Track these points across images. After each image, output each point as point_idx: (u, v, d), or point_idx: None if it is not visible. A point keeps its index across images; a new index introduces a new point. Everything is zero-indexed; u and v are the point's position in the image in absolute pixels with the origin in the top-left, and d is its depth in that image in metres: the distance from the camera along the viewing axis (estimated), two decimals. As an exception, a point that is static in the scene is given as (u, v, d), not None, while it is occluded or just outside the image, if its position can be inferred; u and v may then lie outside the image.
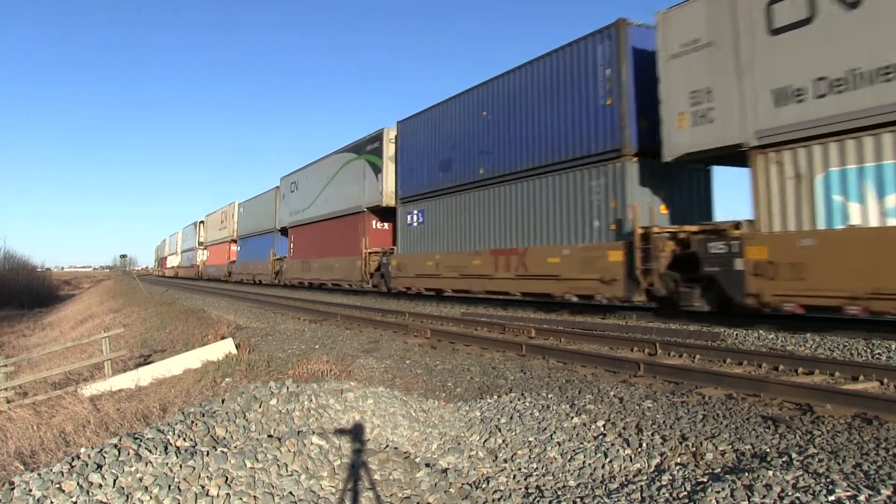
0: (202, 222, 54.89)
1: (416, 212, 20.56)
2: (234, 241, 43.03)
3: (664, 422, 5.22)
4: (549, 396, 6.15)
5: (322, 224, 27.73)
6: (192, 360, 10.17)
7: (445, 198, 18.81)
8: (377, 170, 22.83)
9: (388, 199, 22.24)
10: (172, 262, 74.35)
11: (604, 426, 5.13)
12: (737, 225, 10.72)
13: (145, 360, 12.03)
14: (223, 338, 11.79)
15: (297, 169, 31.97)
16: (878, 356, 7.74)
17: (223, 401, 5.33)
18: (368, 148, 23.70)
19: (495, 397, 6.28)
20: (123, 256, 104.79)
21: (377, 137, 23.06)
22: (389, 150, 22.24)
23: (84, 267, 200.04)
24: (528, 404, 5.84)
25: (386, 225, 23.77)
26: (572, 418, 5.34)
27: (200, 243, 55.30)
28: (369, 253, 23.44)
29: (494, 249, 16.34)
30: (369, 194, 23.33)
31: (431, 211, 19.61)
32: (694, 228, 11.72)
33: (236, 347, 10.74)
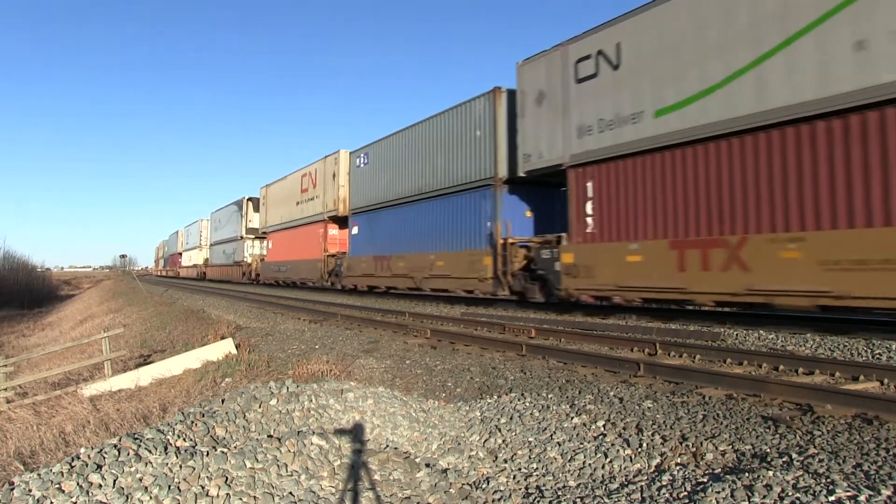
0: (250, 199, 40.40)
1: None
2: (331, 222, 27.32)
3: (664, 422, 5.21)
4: (549, 396, 6.15)
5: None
6: (191, 360, 10.17)
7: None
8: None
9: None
10: (193, 258, 59.56)
11: (604, 426, 5.13)
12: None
13: (145, 361, 12.03)
14: (223, 338, 11.79)
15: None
16: (878, 356, 7.74)
17: (223, 401, 5.33)
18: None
19: (495, 397, 6.28)
20: (123, 256, 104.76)
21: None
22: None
23: (84, 267, 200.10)
24: (528, 404, 5.83)
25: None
26: (572, 418, 5.34)
27: (251, 230, 40.20)
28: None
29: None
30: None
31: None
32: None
33: (236, 347, 10.74)
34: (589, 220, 13.16)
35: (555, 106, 14.03)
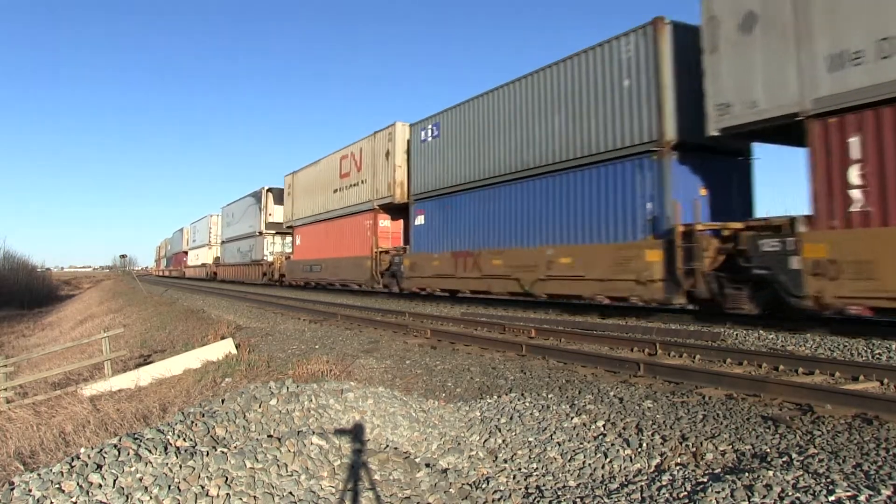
0: (270, 190, 36.26)
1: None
2: (382, 212, 22.99)
3: (664, 422, 5.21)
4: (549, 396, 6.15)
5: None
6: (192, 360, 10.17)
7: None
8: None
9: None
10: (201, 257, 55.05)
11: (604, 426, 5.13)
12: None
13: (145, 360, 12.03)
14: (223, 338, 11.79)
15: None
16: (878, 356, 7.74)
17: (223, 401, 5.33)
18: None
19: (495, 397, 6.28)
20: (123, 257, 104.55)
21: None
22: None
23: (84, 267, 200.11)
24: (528, 404, 5.83)
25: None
26: (572, 418, 5.34)
27: (272, 225, 35.84)
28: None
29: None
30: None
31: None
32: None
33: (236, 347, 10.74)
34: (856, 193, 9.04)
35: (780, 29, 9.97)
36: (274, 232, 35.84)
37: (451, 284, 18.45)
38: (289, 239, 34.71)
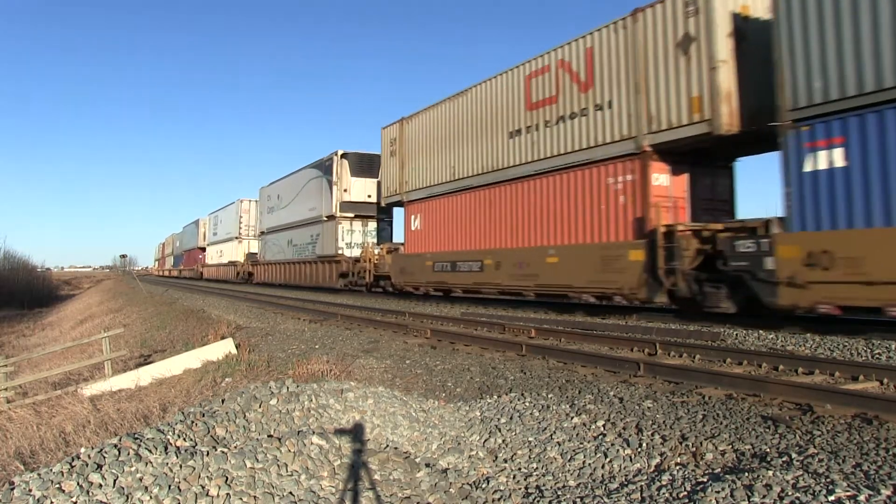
0: (346, 156, 26.32)
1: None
2: (656, 157, 12.39)
3: (664, 422, 5.22)
4: (549, 396, 6.15)
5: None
6: (192, 360, 10.17)
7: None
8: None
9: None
10: (226, 253, 44.54)
11: (604, 426, 5.13)
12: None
13: (145, 360, 12.03)
14: (223, 338, 11.79)
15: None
16: (878, 356, 7.75)
17: (223, 401, 5.33)
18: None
19: (495, 397, 6.28)
20: (123, 256, 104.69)
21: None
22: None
23: (84, 267, 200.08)
24: (528, 404, 5.84)
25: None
26: (572, 418, 5.34)
27: (348, 205, 26.23)
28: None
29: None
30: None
31: None
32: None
33: (236, 347, 10.74)
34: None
35: None
36: (353, 215, 26.26)
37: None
38: (373, 225, 26.66)
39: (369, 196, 26.42)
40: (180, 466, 3.99)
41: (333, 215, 26.40)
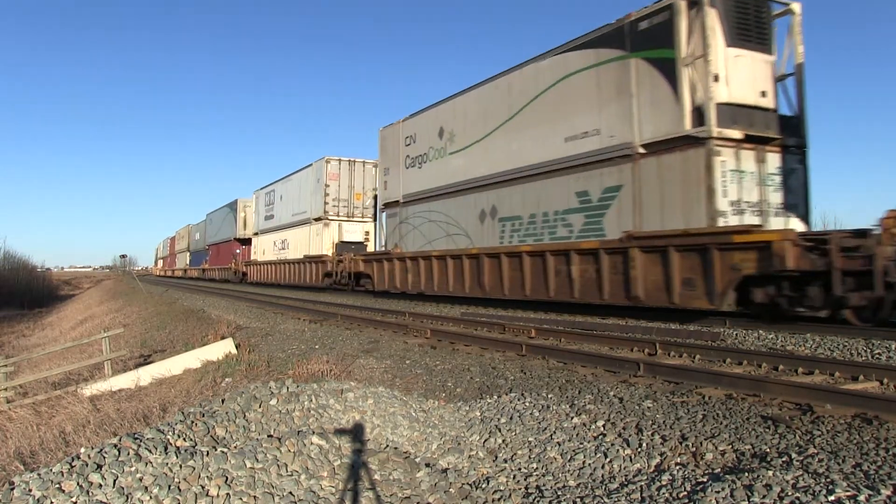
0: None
1: None
2: None
3: (664, 422, 5.22)
4: (549, 396, 6.15)
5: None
6: (192, 360, 10.17)
7: None
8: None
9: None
10: (292, 242, 30.53)
11: (604, 426, 5.13)
12: None
13: (145, 360, 12.03)
14: (223, 338, 11.79)
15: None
16: (878, 356, 7.74)
17: (223, 401, 5.33)
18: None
19: (495, 397, 6.28)
20: (123, 257, 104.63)
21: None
22: None
23: (84, 267, 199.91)
24: (528, 404, 5.84)
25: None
26: (572, 418, 5.34)
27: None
28: None
29: None
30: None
31: None
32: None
33: (236, 347, 10.73)
34: None
35: None
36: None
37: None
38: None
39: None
40: (180, 466, 3.99)
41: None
